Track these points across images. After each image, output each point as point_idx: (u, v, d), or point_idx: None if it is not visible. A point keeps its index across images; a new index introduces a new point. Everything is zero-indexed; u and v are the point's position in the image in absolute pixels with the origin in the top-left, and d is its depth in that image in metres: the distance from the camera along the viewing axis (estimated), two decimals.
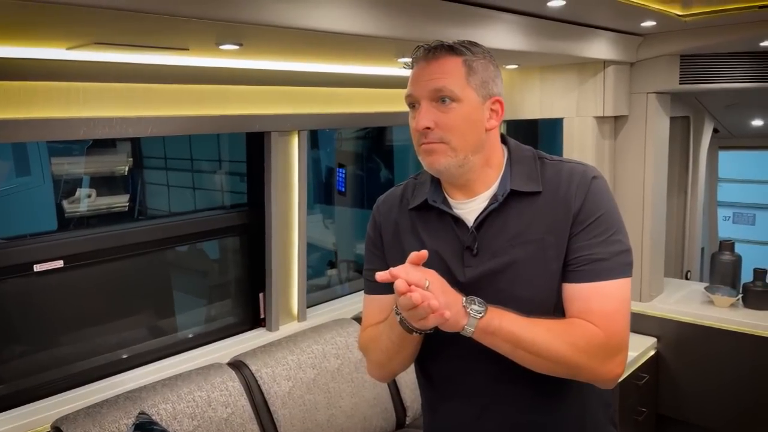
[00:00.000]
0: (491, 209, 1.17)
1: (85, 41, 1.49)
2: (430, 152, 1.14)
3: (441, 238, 1.20)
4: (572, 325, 1.10)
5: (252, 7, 1.33)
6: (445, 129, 1.12)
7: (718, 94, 3.22)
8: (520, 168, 1.20)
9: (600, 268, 1.12)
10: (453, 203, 1.21)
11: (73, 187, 4.32)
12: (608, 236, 1.14)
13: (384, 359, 1.25)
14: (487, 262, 1.15)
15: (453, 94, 1.12)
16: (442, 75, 1.13)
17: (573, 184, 1.15)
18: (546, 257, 1.14)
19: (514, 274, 1.14)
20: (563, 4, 1.89)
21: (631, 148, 2.91)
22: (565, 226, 1.14)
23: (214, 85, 2.04)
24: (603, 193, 1.17)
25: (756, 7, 2.20)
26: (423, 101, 1.14)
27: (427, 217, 1.23)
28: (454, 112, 1.13)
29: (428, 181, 1.24)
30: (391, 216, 1.28)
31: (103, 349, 2.15)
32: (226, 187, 7.31)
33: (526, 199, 1.17)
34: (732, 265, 3.01)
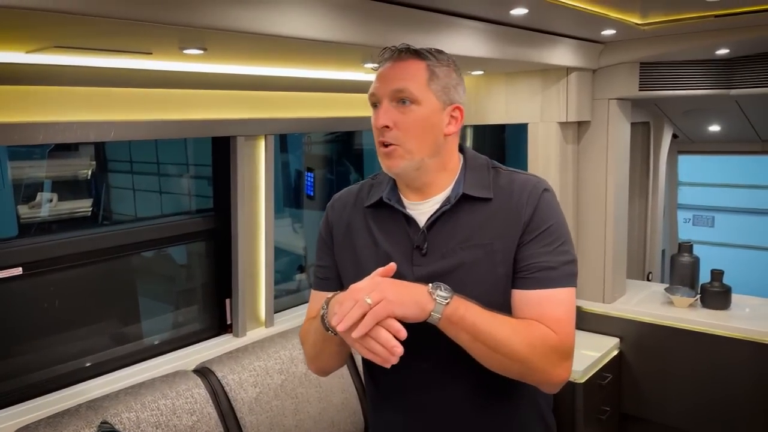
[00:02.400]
0: (443, 211, 1.20)
1: (44, 44, 1.46)
2: (388, 155, 1.18)
3: (392, 236, 1.23)
4: (530, 325, 1.13)
5: (215, 12, 1.32)
6: (402, 129, 1.16)
7: (676, 101, 3.31)
8: (473, 175, 1.24)
9: (550, 276, 1.16)
10: (407, 203, 1.25)
11: (34, 192, 4.22)
12: (557, 246, 1.18)
13: (313, 353, 1.29)
14: (435, 263, 1.19)
15: (413, 96, 1.16)
16: (404, 77, 1.17)
17: (524, 195, 1.19)
18: (493, 262, 1.17)
19: (462, 276, 1.17)
20: (526, 12, 1.93)
21: (593, 153, 2.97)
22: (514, 234, 1.17)
23: (178, 89, 2.02)
24: (552, 206, 1.21)
25: (712, 16, 2.28)
26: (384, 100, 1.17)
27: (380, 216, 1.26)
28: (412, 113, 1.16)
29: (385, 181, 1.28)
30: (345, 214, 1.31)
31: (65, 358, 2.11)
32: (193, 191, 7.22)
33: (477, 205, 1.20)
34: (690, 266, 3.10)
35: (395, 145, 1.17)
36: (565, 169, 2.89)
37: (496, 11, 1.94)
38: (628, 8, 2.19)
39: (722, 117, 3.62)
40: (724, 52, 2.65)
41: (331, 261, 1.32)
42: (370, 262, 1.21)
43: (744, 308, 2.94)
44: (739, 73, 2.77)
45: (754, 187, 6.61)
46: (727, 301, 2.92)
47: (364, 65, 2.16)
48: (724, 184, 6.70)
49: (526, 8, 1.88)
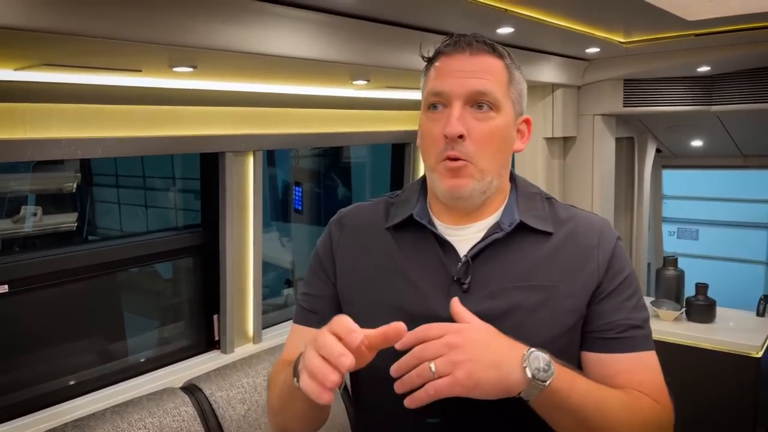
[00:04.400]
0: (494, 239, 0.96)
1: (33, 62, 1.46)
2: (455, 172, 0.93)
3: (423, 264, 0.99)
4: (640, 400, 0.91)
5: (205, 31, 1.33)
6: (478, 142, 0.93)
7: (659, 116, 3.36)
8: (527, 203, 1.02)
9: (640, 336, 0.96)
10: (441, 226, 1.01)
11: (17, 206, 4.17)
12: (638, 300, 0.99)
13: (277, 405, 1.02)
14: (481, 303, 0.92)
15: (495, 101, 0.94)
16: (485, 75, 0.94)
17: (593, 235, 0.99)
18: (559, 308, 0.94)
19: (517, 324, 0.91)
20: (512, 31, 1.96)
21: (579, 168, 3.01)
22: (586, 281, 0.95)
23: (167, 105, 2.02)
24: (625, 253, 1.02)
25: (692, 35, 2.33)
26: (456, 102, 0.93)
27: (406, 238, 1.02)
28: (492, 123, 0.94)
29: (412, 198, 1.05)
30: (356, 235, 1.07)
31: (49, 376, 2.08)
32: (180, 204, 7.19)
33: (533, 238, 0.98)
34: (675, 279, 3.14)
35: (466, 161, 0.93)
36: (551, 184, 2.92)
37: (483, 30, 1.95)
38: (612, 27, 2.23)
39: (704, 132, 3.68)
40: (705, 69, 2.71)
41: (327, 291, 1.06)
42: (392, 295, 0.98)
43: (728, 321, 2.98)
44: (720, 90, 2.83)
45: (737, 201, 6.72)
46: (711, 315, 2.96)
47: (353, 82, 2.18)
48: (708, 198, 6.80)
49: (513, 27, 1.91)
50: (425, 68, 1.02)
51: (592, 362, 0.96)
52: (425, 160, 0.99)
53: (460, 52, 0.95)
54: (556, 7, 1.81)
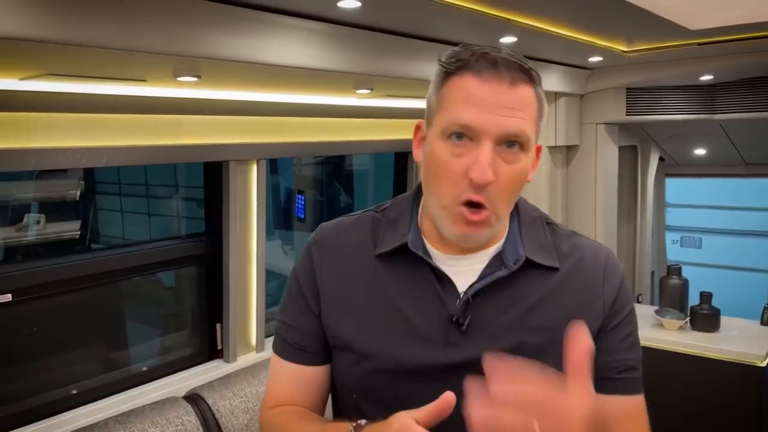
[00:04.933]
0: (497, 277, 0.88)
1: (38, 72, 1.47)
2: (476, 223, 0.84)
3: (416, 299, 0.89)
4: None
5: (209, 41, 1.34)
6: (503, 187, 0.83)
7: (662, 125, 3.37)
8: (530, 233, 0.94)
9: (636, 379, 0.93)
10: (437, 255, 0.91)
11: (20, 213, 4.18)
12: (636, 338, 0.95)
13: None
14: (480, 346, 0.84)
15: (527, 141, 0.84)
16: (523, 115, 0.82)
17: (598, 270, 0.93)
18: (560, 351, 0.85)
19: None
20: (515, 41, 1.97)
21: (582, 176, 3.01)
22: (592, 320, 0.89)
23: (171, 114, 2.03)
24: (629, 288, 0.96)
25: (695, 44, 2.33)
26: (487, 141, 0.81)
27: (397, 267, 0.92)
28: (519, 164, 0.84)
29: (404, 219, 0.94)
30: (339, 258, 0.95)
31: (52, 386, 2.07)
32: (183, 213, 7.19)
33: (538, 274, 0.91)
34: (680, 288, 3.12)
35: (491, 210, 0.83)
36: (554, 193, 2.92)
37: (486, 40, 1.97)
38: (615, 36, 2.24)
39: (707, 141, 3.69)
40: (707, 78, 2.71)
41: (311, 324, 0.95)
42: (387, 339, 0.88)
43: (732, 330, 2.96)
44: (723, 99, 2.83)
45: (740, 209, 6.71)
46: (716, 324, 2.94)
47: (357, 91, 2.18)
48: (711, 206, 6.79)
49: (515, 37, 1.91)
50: (442, 77, 0.87)
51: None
52: (435, 195, 0.86)
53: (496, 78, 0.81)
54: (558, 17, 1.82)
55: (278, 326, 1.00)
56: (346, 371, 0.93)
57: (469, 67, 0.83)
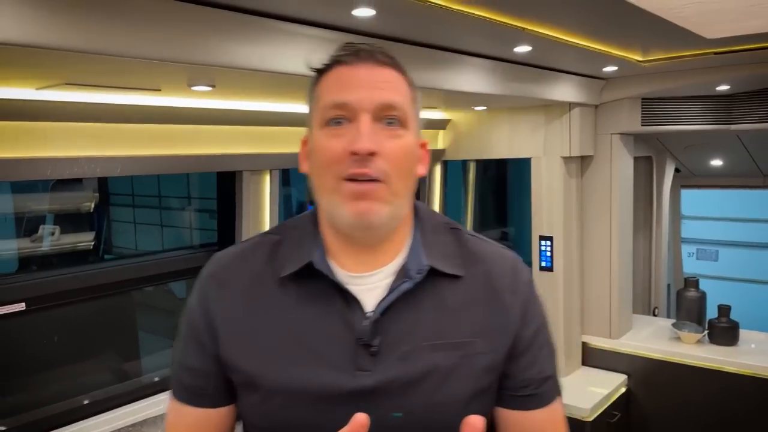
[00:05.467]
0: (403, 290, 0.84)
1: (55, 81, 1.48)
2: (364, 195, 0.80)
3: (323, 324, 0.84)
4: None
5: (223, 50, 1.34)
6: (390, 160, 0.80)
7: (678, 136, 3.33)
8: (433, 240, 0.90)
9: (550, 388, 0.91)
10: (342, 275, 0.86)
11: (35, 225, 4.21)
12: (551, 346, 0.93)
13: None
14: (392, 368, 0.82)
15: (405, 117, 0.83)
16: (393, 88, 0.84)
17: (505, 278, 0.90)
18: (476, 367, 0.85)
19: (433, 389, 0.82)
20: (530, 50, 1.96)
21: (597, 187, 2.98)
22: (502, 334, 0.87)
23: (185, 124, 2.03)
24: (538, 293, 0.94)
25: (712, 53, 2.31)
26: (365, 115, 0.80)
27: (302, 292, 0.86)
28: (402, 140, 0.83)
29: (304, 239, 0.89)
30: (237, 290, 0.88)
31: (64, 395, 2.07)
32: (195, 224, 7.23)
33: (445, 284, 0.87)
34: (697, 301, 3.08)
35: (381, 181, 0.80)
36: (569, 204, 2.89)
37: (500, 49, 1.97)
38: (630, 46, 2.22)
39: (724, 151, 3.64)
40: (724, 88, 2.68)
41: (208, 363, 0.88)
42: (294, 369, 0.83)
43: (750, 344, 2.91)
44: (740, 109, 2.80)
45: (758, 221, 6.62)
46: (734, 337, 2.89)
47: None
48: (728, 218, 6.71)
49: (530, 46, 1.90)
50: (315, 80, 0.88)
51: (509, 420, 0.90)
52: (320, 185, 0.83)
53: (361, 62, 0.84)
54: (574, 26, 1.81)
55: (175, 368, 0.92)
56: (254, 409, 0.87)
57: (336, 62, 0.85)
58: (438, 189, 3.34)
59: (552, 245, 2.85)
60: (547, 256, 2.86)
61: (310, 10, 1.40)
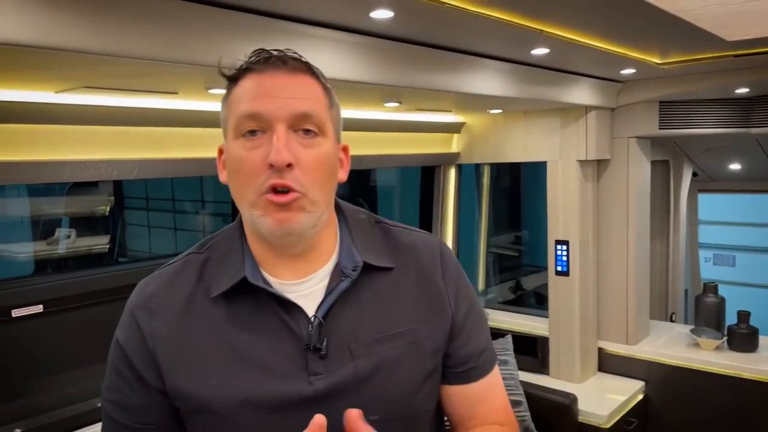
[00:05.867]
0: (342, 290, 0.86)
1: (74, 85, 1.48)
2: (285, 207, 0.80)
3: (266, 337, 0.84)
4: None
5: (240, 53, 1.33)
6: (308, 171, 0.81)
7: (696, 139, 3.30)
8: (360, 235, 0.92)
9: (487, 359, 0.97)
10: (278, 285, 0.87)
11: (51, 228, 4.25)
12: (483, 318, 0.99)
13: None
14: (343, 367, 0.84)
15: (321, 125, 0.84)
16: (306, 96, 0.83)
17: (435, 262, 0.94)
18: (421, 353, 0.89)
19: (384, 381, 0.85)
20: (547, 52, 1.94)
21: (613, 191, 2.95)
22: (440, 317, 0.92)
23: (201, 128, 2.04)
24: (461, 269, 0.98)
25: (731, 55, 2.28)
26: (279, 126, 0.80)
27: (237, 308, 0.85)
28: (319, 149, 0.83)
29: (233, 253, 0.89)
30: (170, 317, 0.86)
31: (80, 397, 2.08)
32: (209, 227, 7.26)
33: (379, 276, 0.90)
34: (716, 307, 3.03)
35: (299, 192, 0.80)
36: (585, 208, 2.86)
37: (518, 51, 1.95)
38: (648, 48, 2.20)
39: (743, 155, 3.60)
40: (743, 91, 2.64)
41: (148, 396, 0.86)
42: (246, 386, 0.82)
43: None
44: (759, 112, 2.76)
45: None
46: (754, 343, 2.84)
47: (385, 104, 2.17)
48: (745, 223, 6.63)
49: (548, 48, 1.89)
50: (228, 88, 0.87)
51: (455, 395, 0.95)
52: (240, 197, 0.83)
53: (274, 70, 0.83)
54: (592, 28, 1.79)
55: (108, 408, 0.88)
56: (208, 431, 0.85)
57: (248, 69, 0.85)
58: (452, 193, 3.33)
59: (568, 250, 2.83)
60: (563, 260, 2.84)
61: (327, 13, 1.39)
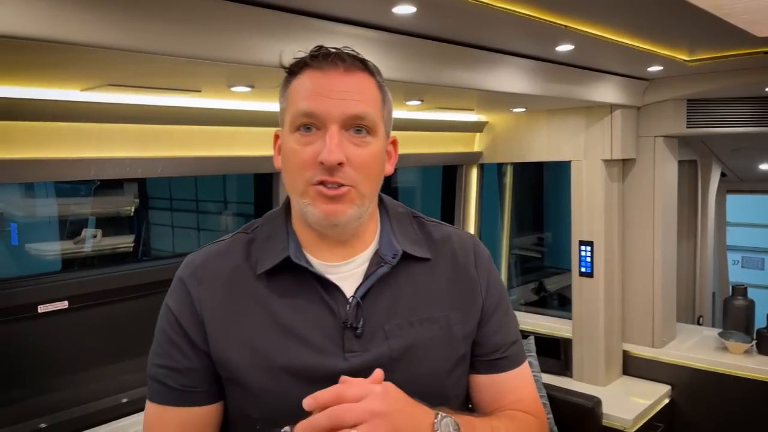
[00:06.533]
0: (381, 274, 0.91)
1: (99, 83, 1.50)
2: (334, 199, 0.86)
3: (306, 313, 0.89)
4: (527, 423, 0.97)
5: (262, 49, 1.34)
6: (357, 168, 0.86)
7: (725, 138, 3.22)
8: (400, 226, 0.98)
9: (517, 351, 1.01)
10: (320, 265, 0.92)
11: (78, 228, 4.33)
12: (512, 312, 1.04)
13: None
14: (377, 347, 0.88)
15: (373, 126, 0.88)
16: (362, 97, 0.88)
17: (469, 256, 1.00)
18: (453, 338, 0.94)
19: (416, 361, 0.90)
20: (572, 49, 1.91)
21: (639, 192, 2.90)
22: (472, 306, 0.97)
23: (224, 126, 2.05)
24: (493, 263, 1.04)
25: (762, 53, 2.22)
26: (333, 125, 0.85)
27: (281, 286, 0.91)
28: (370, 148, 0.88)
29: (278, 235, 0.94)
30: (219, 287, 0.92)
31: (103, 393, 2.10)
32: (231, 227, 7.32)
33: (416, 266, 0.95)
34: (745, 310, 2.96)
35: (350, 186, 0.86)
36: (610, 208, 2.82)
37: (541, 48, 1.93)
38: (676, 44, 2.15)
39: None
40: None
41: (197, 360, 0.90)
42: (283, 357, 0.87)
43: None
44: None
45: None
46: None
47: (407, 103, 2.16)
48: None
49: (573, 45, 1.86)
50: (286, 80, 0.93)
51: (483, 385, 0.99)
52: (292, 185, 0.89)
53: (332, 68, 0.87)
54: (618, 24, 1.76)
55: (155, 372, 0.93)
56: (247, 402, 0.89)
57: (307, 65, 0.89)
58: (474, 193, 3.30)
59: (592, 251, 2.78)
60: (587, 261, 2.80)
61: (350, 9, 1.39)
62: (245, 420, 0.90)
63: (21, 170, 1.62)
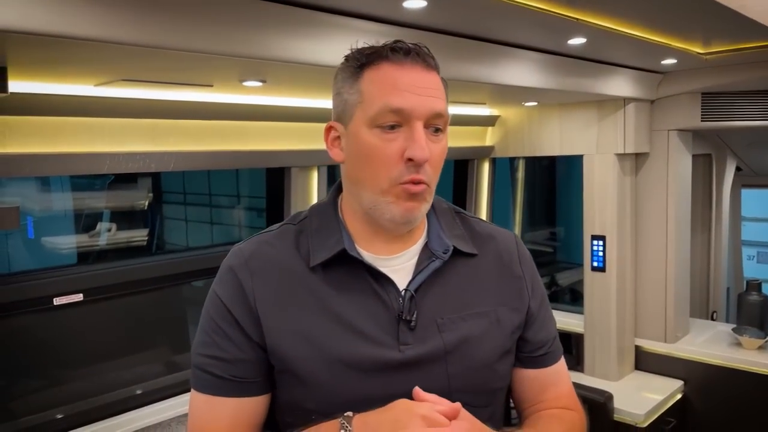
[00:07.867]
0: (433, 269, 0.92)
1: (112, 78, 1.51)
2: (418, 197, 0.87)
3: (361, 306, 0.89)
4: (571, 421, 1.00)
5: (274, 44, 1.34)
6: (434, 165, 0.88)
7: (740, 132, 3.19)
8: (447, 222, 0.99)
9: (558, 347, 1.05)
10: (372, 259, 0.92)
11: (93, 221, 4.38)
12: (550, 309, 1.06)
13: None
14: (431, 339, 0.89)
15: (446, 123, 0.90)
16: (440, 95, 0.89)
17: (513, 254, 1.02)
18: (503, 332, 0.96)
19: (468, 354, 0.91)
20: (584, 42, 1.90)
21: (653, 186, 2.87)
22: (519, 302, 0.99)
23: (236, 121, 2.06)
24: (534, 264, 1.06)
25: None
26: (418, 123, 0.85)
27: (334, 278, 0.90)
28: (442, 144, 0.90)
29: (329, 227, 0.94)
30: (273, 279, 0.91)
31: (117, 385, 2.13)
32: (244, 221, 7.36)
33: (463, 261, 0.96)
34: (760, 305, 2.94)
35: (426, 184, 0.88)
36: (622, 202, 2.80)
37: (554, 41, 1.92)
38: (691, 37, 2.13)
39: None
40: None
41: (250, 350, 0.90)
42: (339, 348, 0.87)
43: None
44: None
45: None
46: None
47: None
48: None
49: (585, 38, 1.84)
50: (357, 71, 0.89)
51: (528, 379, 1.02)
52: (370, 182, 0.87)
53: (414, 64, 0.87)
54: (631, 16, 1.74)
55: (204, 363, 0.92)
56: (302, 393, 0.89)
57: (383, 57, 0.87)
58: (486, 187, 3.29)
59: (605, 245, 2.77)
60: (599, 256, 2.78)
61: (361, 3, 1.39)
62: (299, 411, 0.89)
63: (37, 165, 1.64)
